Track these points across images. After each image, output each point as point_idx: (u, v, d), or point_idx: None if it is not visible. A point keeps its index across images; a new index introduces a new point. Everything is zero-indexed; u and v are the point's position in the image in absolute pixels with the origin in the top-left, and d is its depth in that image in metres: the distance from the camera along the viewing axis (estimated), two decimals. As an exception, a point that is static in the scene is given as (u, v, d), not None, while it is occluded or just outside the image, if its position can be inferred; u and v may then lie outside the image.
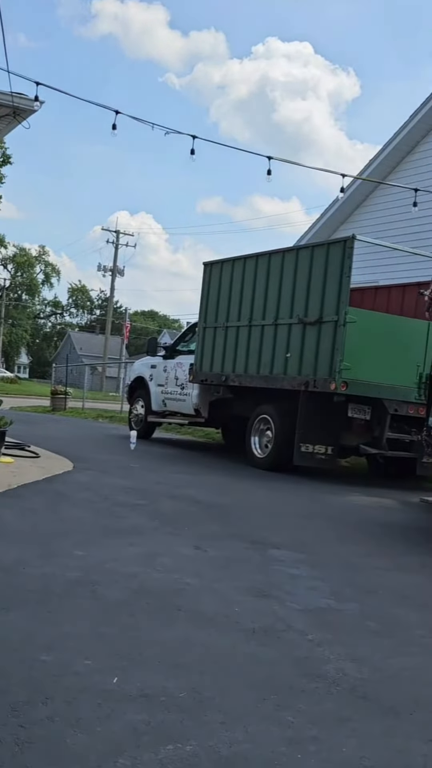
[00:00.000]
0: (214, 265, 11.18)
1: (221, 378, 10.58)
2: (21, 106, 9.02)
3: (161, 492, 6.95)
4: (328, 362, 8.69)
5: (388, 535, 6.12)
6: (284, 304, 9.53)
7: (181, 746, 2.24)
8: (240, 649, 3.09)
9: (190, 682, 2.71)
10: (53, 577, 3.80)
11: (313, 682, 2.82)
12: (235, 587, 3.96)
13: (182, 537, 5.08)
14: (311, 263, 9.16)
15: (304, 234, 15.96)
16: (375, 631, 3.50)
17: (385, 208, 14.42)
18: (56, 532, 4.91)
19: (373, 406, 8.90)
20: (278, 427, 9.37)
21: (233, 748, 2.27)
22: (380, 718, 2.57)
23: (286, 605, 3.74)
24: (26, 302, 79.90)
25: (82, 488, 6.70)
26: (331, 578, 4.38)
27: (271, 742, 2.33)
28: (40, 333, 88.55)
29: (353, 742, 2.38)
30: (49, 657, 2.81)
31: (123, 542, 4.74)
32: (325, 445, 8.90)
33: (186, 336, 12.50)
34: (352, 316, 8.62)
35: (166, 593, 3.72)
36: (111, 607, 3.44)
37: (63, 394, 21.76)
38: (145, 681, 2.67)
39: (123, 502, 6.15)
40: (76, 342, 75.33)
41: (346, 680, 2.86)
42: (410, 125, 13.92)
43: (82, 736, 2.25)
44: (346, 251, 8.67)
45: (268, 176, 8.87)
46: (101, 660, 2.82)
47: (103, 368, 52.32)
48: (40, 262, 79.01)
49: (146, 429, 12.76)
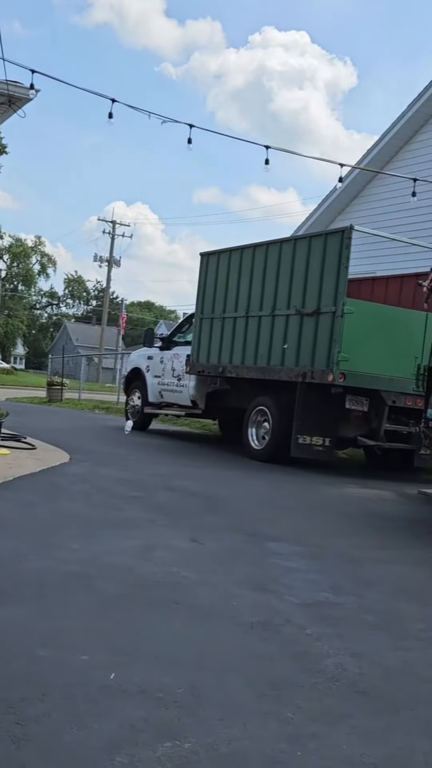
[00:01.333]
0: (211, 256, 11.12)
1: (218, 369, 10.54)
2: (16, 94, 8.92)
3: (158, 484, 6.92)
4: (325, 353, 8.66)
5: (386, 527, 6.10)
6: (281, 295, 9.48)
7: (180, 743, 2.21)
8: (238, 644, 3.06)
9: (189, 677, 2.68)
10: (50, 571, 3.77)
11: (312, 677, 2.79)
12: (233, 581, 3.94)
13: (179, 529, 5.05)
14: (309, 254, 9.11)
15: (302, 224, 15.89)
16: (374, 625, 3.48)
17: (382, 199, 14.35)
18: (53, 524, 4.87)
19: (370, 397, 8.87)
20: (275, 419, 9.34)
21: (232, 745, 2.25)
22: (380, 714, 2.54)
23: (285, 599, 3.71)
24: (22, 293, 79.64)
25: (79, 480, 6.66)
26: (329, 571, 4.36)
27: (271, 738, 2.30)
28: (36, 324, 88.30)
29: (353, 738, 2.35)
30: (45, 652, 2.78)
31: (120, 535, 4.71)
32: (322, 437, 8.87)
33: (183, 327, 12.44)
34: (350, 307, 8.58)
35: (163, 587, 3.69)
36: (108, 601, 3.41)
37: (59, 385, 21.69)
38: (143, 676, 2.64)
39: (120, 494, 6.12)
40: (73, 333, 75.13)
41: (346, 675, 2.84)
42: (408, 115, 13.83)
43: (79, 733, 2.22)
44: (344, 241, 8.61)
45: (266, 166, 8.80)
46: (98, 655, 2.79)
47: (100, 359, 52.21)
48: (36, 252, 78.71)
49: (143, 420, 12.72)
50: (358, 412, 8.92)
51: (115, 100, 7.89)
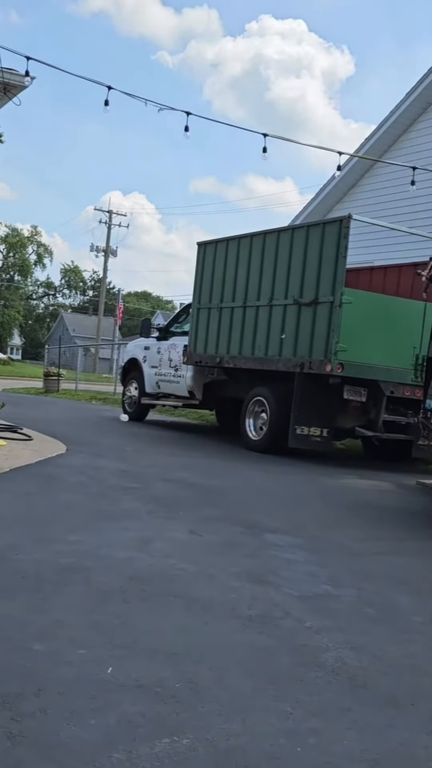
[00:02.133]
0: (208, 245, 11.04)
1: (215, 359, 10.49)
2: (11, 81, 8.82)
3: (155, 475, 6.88)
4: (323, 344, 8.61)
5: (384, 518, 6.07)
6: (279, 285, 9.42)
7: (178, 739, 2.18)
8: (237, 637, 3.03)
9: (186, 671, 2.65)
10: (46, 563, 3.73)
11: (311, 671, 2.76)
12: (231, 573, 3.90)
13: (177, 521, 5.02)
14: (307, 243, 9.04)
15: (299, 213, 15.81)
16: (374, 618, 3.45)
17: (380, 188, 14.28)
18: (49, 516, 4.83)
19: (368, 388, 8.84)
20: (273, 410, 9.30)
21: (231, 740, 2.21)
22: (381, 709, 2.51)
23: (283, 591, 3.68)
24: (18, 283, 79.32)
25: (76, 471, 6.62)
26: (328, 563, 4.32)
27: (270, 734, 2.27)
28: (33, 314, 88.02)
29: (354, 734, 2.32)
30: (41, 646, 2.74)
31: (117, 527, 4.68)
32: (320, 428, 8.84)
33: (180, 317, 12.38)
34: (348, 296, 8.52)
35: (160, 579, 3.66)
36: (105, 594, 3.37)
37: (56, 376, 21.63)
38: (141, 671, 2.61)
39: (117, 486, 6.08)
40: (69, 323, 74.94)
41: (346, 669, 2.81)
42: (406, 103, 13.74)
43: (75, 729, 2.19)
44: (342, 231, 8.55)
45: (263, 154, 8.72)
46: (95, 649, 2.76)
47: (96, 350, 52.11)
48: (32, 242, 78.33)
49: (140, 411, 12.68)
50: (356, 402, 8.89)
51: (111, 87, 7.79)
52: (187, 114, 8.11)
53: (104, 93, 7.94)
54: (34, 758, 2.02)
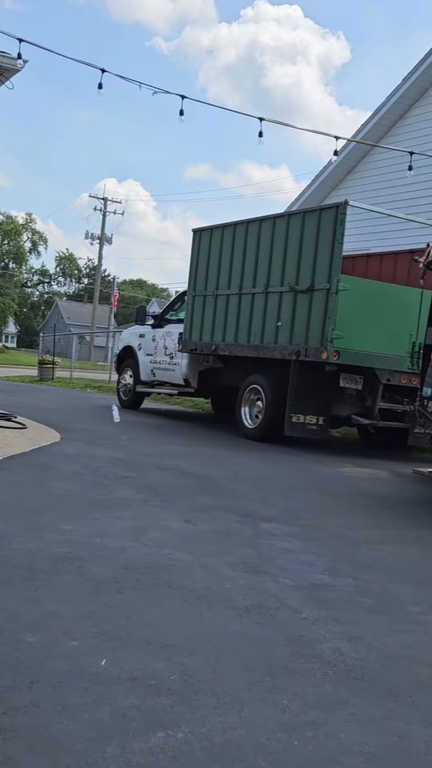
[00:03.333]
0: (203, 232, 10.95)
1: (211, 347, 10.43)
2: (3, 65, 8.69)
3: (150, 463, 6.83)
4: (319, 331, 8.55)
5: (381, 507, 6.04)
6: (275, 272, 9.35)
7: (173, 733, 2.14)
8: (232, 628, 2.99)
9: (181, 663, 2.60)
10: (39, 553, 3.68)
11: (308, 662, 2.72)
12: (227, 562, 3.86)
13: (172, 510, 4.97)
14: (302, 230, 8.96)
15: (295, 200, 15.70)
16: (371, 608, 3.41)
17: (376, 174, 14.17)
18: (42, 505, 4.78)
19: (365, 375, 8.79)
20: (269, 398, 9.25)
21: (227, 734, 2.17)
22: (379, 701, 2.48)
23: (279, 581, 3.64)
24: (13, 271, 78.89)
25: (70, 460, 6.56)
26: (324, 553, 4.29)
27: (266, 727, 2.23)
28: (28, 302, 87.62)
29: (352, 726, 2.29)
30: (34, 638, 2.69)
31: (111, 516, 4.63)
32: (316, 416, 8.79)
33: (175, 304, 12.30)
34: (345, 283, 8.46)
35: (155, 569, 3.61)
36: (99, 585, 3.33)
37: (50, 364, 21.53)
38: (135, 663, 2.57)
39: (111, 475, 6.03)
40: (64, 311, 74.64)
41: (343, 660, 2.77)
42: (403, 88, 13.62)
43: (68, 724, 2.14)
44: (339, 217, 8.47)
45: (259, 138, 8.62)
46: (89, 641, 2.72)
47: (91, 338, 51.94)
48: (27, 229, 77.80)
49: (135, 399, 12.61)
50: (352, 390, 8.84)
51: (105, 70, 7.68)
52: (181, 97, 8.02)
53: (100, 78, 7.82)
54: (26, 754, 1.98)
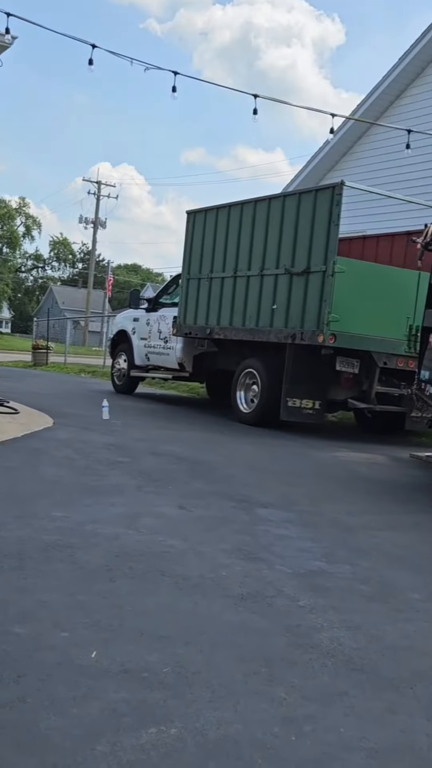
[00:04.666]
0: (197, 214, 10.79)
1: (205, 331, 10.31)
2: (-8, 41, 8.47)
3: (144, 449, 6.73)
4: (315, 314, 8.43)
5: (378, 492, 5.96)
6: (270, 254, 9.21)
7: (165, 729, 2.06)
8: (227, 617, 2.91)
9: (175, 655, 2.52)
10: (29, 541, 3.59)
11: (306, 653, 2.64)
12: (222, 549, 3.77)
13: (166, 496, 4.88)
14: (298, 211, 8.82)
15: (291, 182, 15.51)
16: (369, 595, 3.33)
17: (373, 156, 13.99)
18: (34, 491, 4.68)
19: (361, 359, 8.68)
20: (264, 382, 9.15)
21: (221, 729, 2.09)
22: (379, 693, 2.40)
23: (276, 568, 3.56)
24: (7, 255, 78.36)
25: (63, 445, 6.46)
26: (321, 539, 4.20)
27: (263, 721, 2.15)
28: (22, 287, 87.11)
29: (351, 720, 2.21)
30: (22, 629, 2.61)
31: (104, 502, 4.53)
32: (312, 400, 8.69)
33: (169, 288, 12.15)
34: (341, 266, 8.33)
35: (148, 557, 3.52)
36: (90, 573, 3.24)
37: (44, 349, 21.34)
38: (126, 655, 2.48)
39: (104, 460, 5.93)
40: (59, 296, 74.22)
41: (342, 651, 2.69)
42: (399, 67, 13.40)
43: (56, 719, 2.06)
44: (335, 198, 8.32)
45: (254, 117, 8.45)
46: (79, 632, 2.63)
47: (86, 323, 51.70)
48: (20, 214, 77.14)
49: (129, 384, 12.50)
50: (349, 374, 8.74)
51: (96, 45, 7.49)
52: (174, 74, 7.84)
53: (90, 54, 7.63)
54: (12, 752, 1.89)
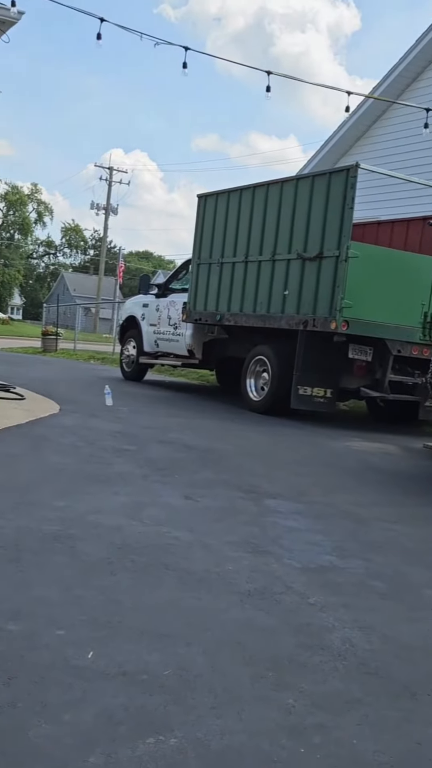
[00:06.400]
0: (209, 198, 10.59)
1: (216, 317, 10.13)
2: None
3: (151, 437, 6.58)
4: (328, 300, 8.23)
5: (391, 483, 5.79)
6: (282, 239, 9.00)
7: (164, 739, 1.91)
8: (233, 615, 2.75)
9: (177, 655, 2.37)
10: (28, 531, 3.45)
11: (316, 654, 2.49)
12: (229, 542, 3.62)
13: (172, 486, 4.73)
14: (311, 194, 8.60)
15: (304, 166, 15.25)
16: (383, 592, 3.17)
17: (388, 140, 13.71)
18: (36, 480, 4.55)
19: (375, 346, 8.48)
20: (275, 369, 8.98)
21: (225, 739, 1.94)
22: (394, 700, 2.24)
23: (285, 563, 3.40)
24: (18, 242, 78.28)
25: (68, 432, 6.32)
26: (332, 532, 4.04)
27: (270, 731, 2.00)
28: (34, 274, 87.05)
29: (365, 731, 2.05)
30: (16, 626, 2.47)
31: (107, 491, 4.39)
32: (324, 388, 8.51)
33: (179, 273, 11.97)
34: (355, 250, 8.11)
35: (152, 549, 3.38)
36: (90, 566, 3.09)
37: (54, 335, 21.23)
38: (125, 655, 2.34)
39: (110, 448, 5.79)
40: (70, 283, 74.18)
41: (354, 652, 2.53)
42: (417, 49, 13.11)
43: (47, 727, 1.92)
44: (349, 181, 8.10)
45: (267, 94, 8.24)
46: (76, 629, 2.49)
47: (96, 309, 51.58)
48: (32, 200, 77.02)
49: (138, 371, 12.35)
50: (362, 362, 8.54)
51: (104, 19, 7.30)
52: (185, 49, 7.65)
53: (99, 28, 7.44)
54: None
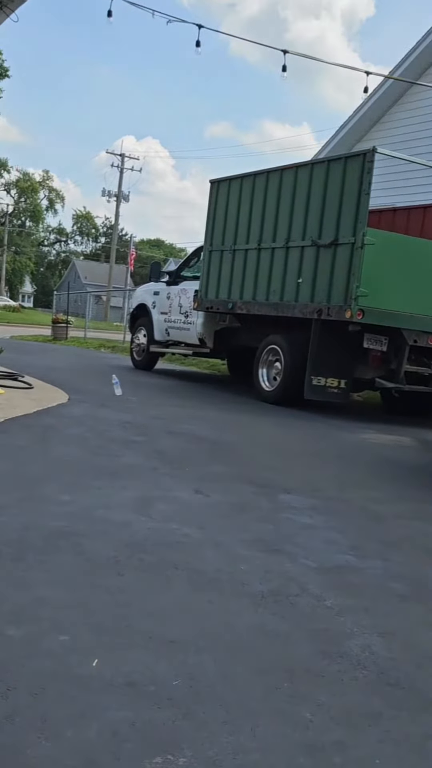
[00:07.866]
0: (221, 183, 10.40)
1: (228, 305, 9.96)
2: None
3: (161, 428, 6.45)
4: (343, 288, 8.05)
5: (408, 477, 5.63)
6: (296, 225, 8.82)
7: (173, 758, 1.77)
8: (246, 620, 2.61)
9: (186, 664, 2.23)
10: (33, 528, 3.32)
11: (334, 663, 2.34)
12: (241, 540, 3.48)
13: (182, 479, 4.59)
14: (326, 179, 8.41)
15: (319, 152, 15.00)
16: (403, 595, 3.02)
17: (405, 126, 13.44)
18: (42, 472, 4.42)
19: (390, 336, 8.30)
20: (288, 359, 8.81)
21: (238, 759, 1.80)
22: (419, 715, 2.09)
23: (300, 562, 3.26)
24: (30, 229, 78.21)
25: (76, 423, 6.19)
26: (349, 529, 3.89)
27: (285, 749, 1.86)
28: (45, 261, 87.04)
29: (388, 748, 1.91)
30: (17, 631, 2.34)
31: (115, 485, 4.25)
32: (338, 378, 8.34)
33: (191, 260, 11.80)
34: (371, 237, 7.92)
35: (161, 547, 3.24)
36: (97, 566, 2.96)
37: (64, 323, 21.13)
38: (132, 663, 2.20)
39: (119, 439, 5.66)
40: (81, 270, 74.08)
41: (374, 661, 2.39)
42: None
43: (47, 745, 1.78)
44: (366, 165, 7.90)
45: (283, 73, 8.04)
46: (80, 635, 2.35)
47: (107, 297, 51.45)
48: (44, 187, 76.92)
49: (149, 360, 12.22)
50: (377, 352, 8.36)
51: (115, -5, 7.13)
52: (198, 27, 7.47)
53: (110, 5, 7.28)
54: (-8, 786, 1.62)
